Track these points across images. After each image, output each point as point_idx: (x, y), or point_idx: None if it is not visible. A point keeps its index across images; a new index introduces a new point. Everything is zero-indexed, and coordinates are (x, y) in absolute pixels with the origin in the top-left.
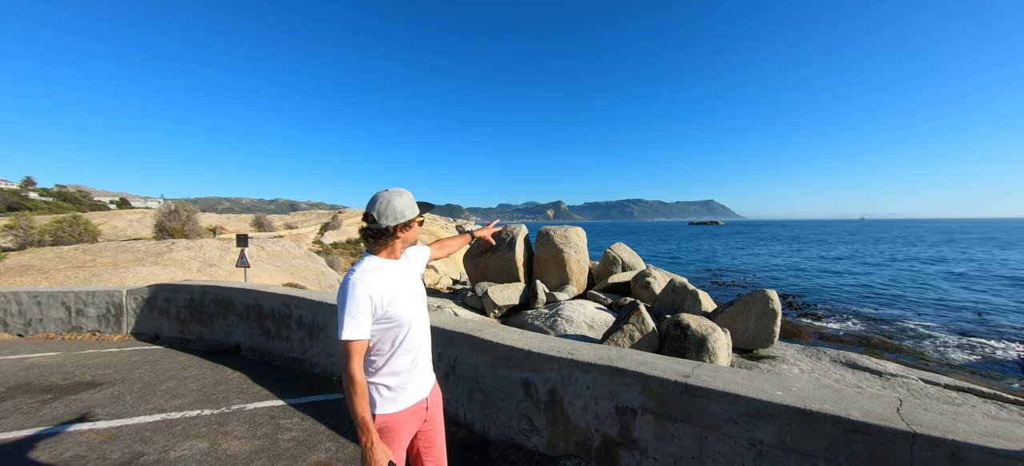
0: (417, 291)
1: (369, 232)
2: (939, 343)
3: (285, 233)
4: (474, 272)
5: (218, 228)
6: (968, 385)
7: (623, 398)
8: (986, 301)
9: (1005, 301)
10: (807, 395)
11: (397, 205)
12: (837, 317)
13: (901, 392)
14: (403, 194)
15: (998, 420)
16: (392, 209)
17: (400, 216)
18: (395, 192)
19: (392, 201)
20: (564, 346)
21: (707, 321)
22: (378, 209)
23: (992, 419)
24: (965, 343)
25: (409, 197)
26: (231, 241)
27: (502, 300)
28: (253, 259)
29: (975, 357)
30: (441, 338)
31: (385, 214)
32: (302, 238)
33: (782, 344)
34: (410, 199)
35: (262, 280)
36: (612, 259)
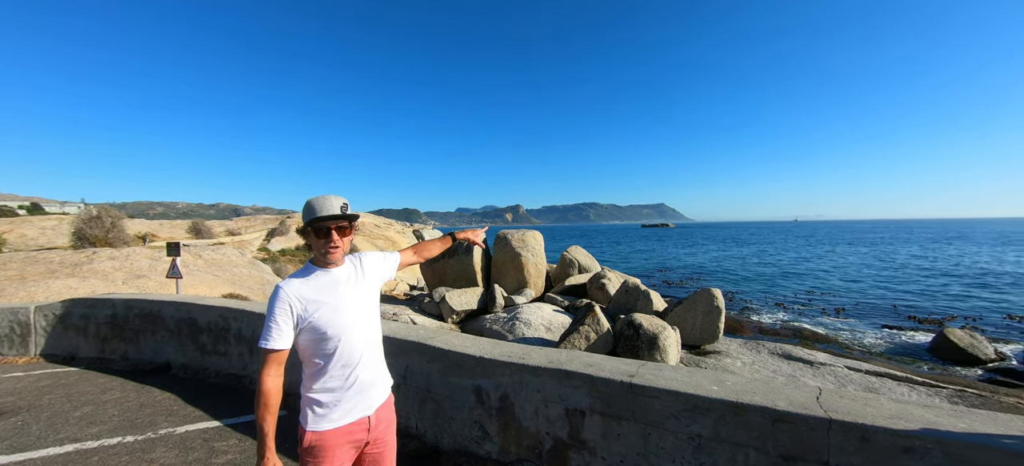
0: (357, 301)
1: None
2: (861, 332)
3: (227, 240)
4: (431, 277)
5: (149, 235)
6: (885, 370)
7: (572, 400)
8: (899, 292)
9: (915, 292)
10: (739, 389)
11: (308, 208)
12: (774, 312)
13: (827, 380)
14: (319, 198)
15: (902, 403)
16: (305, 212)
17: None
18: (322, 199)
19: (307, 205)
20: (515, 351)
21: (658, 320)
22: (305, 216)
23: (897, 403)
24: (883, 331)
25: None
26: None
27: (460, 305)
28: (189, 269)
29: (891, 344)
30: (390, 347)
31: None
32: (246, 245)
33: (726, 339)
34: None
35: (199, 291)
36: (569, 262)
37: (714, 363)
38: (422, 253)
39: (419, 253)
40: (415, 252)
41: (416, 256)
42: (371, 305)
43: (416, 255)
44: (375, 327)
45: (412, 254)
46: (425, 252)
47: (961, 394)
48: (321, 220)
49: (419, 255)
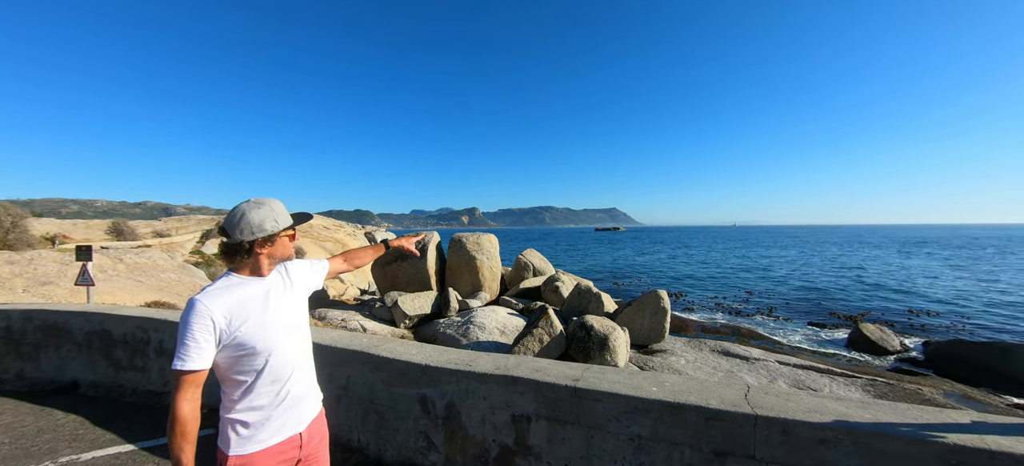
0: (286, 313)
1: (223, 249)
2: (791, 329)
3: (154, 242)
4: (383, 281)
5: (59, 237)
6: (810, 364)
7: (518, 406)
8: (823, 292)
9: (836, 291)
10: (676, 390)
11: (254, 217)
12: (714, 311)
13: (761, 375)
14: (263, 205)
15: (818, 398)
16: (247, 222)
17: (258, 229)
18: (254, 202)
19: (248, 213)
20: (462, 358)
21: (609, 321)
22: (230, 222)
23: (814, 397)
24: (808, 328)
25: (273, 207)
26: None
27: (413, 310)
28: (107, 275)
29: (815, 339)
30: (331, 357)
31: (239, 227)
32: (176, 248)
33: (672, 338)
34: (273, 210)
35: (118, 299)
36: (523, 265)
37: (660, 362)
38: (352, 261)
39: (349, 261)
40: (345, 260)
41: (346, 264)
42: (301, 316)
43: (346, 263)
44: (306, 339)
45: (341, 262)
46: (355, 260)
47: (872, 383)
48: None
49: (349, 263)
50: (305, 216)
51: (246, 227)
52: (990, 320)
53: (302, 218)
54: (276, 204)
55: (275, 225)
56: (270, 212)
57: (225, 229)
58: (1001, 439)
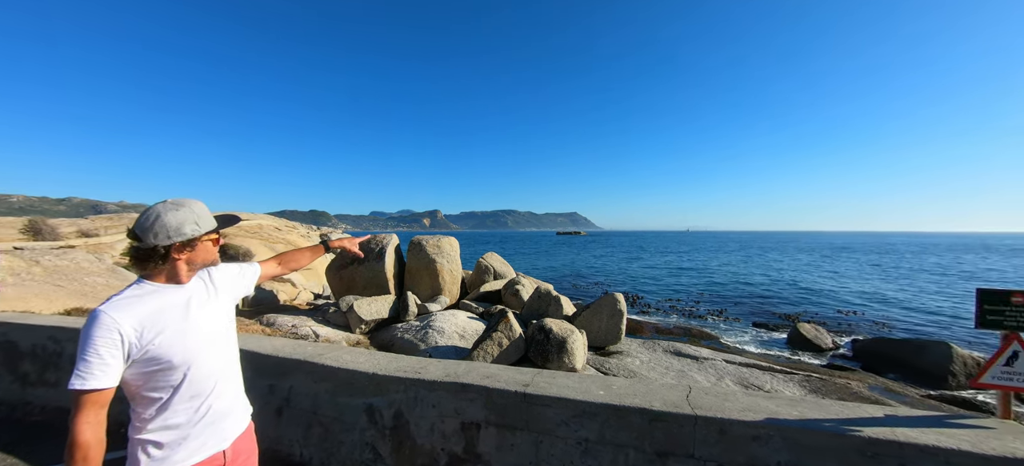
0: (209, 322)
1: (134, 254)
2: (738, 329)
3: (79, 242)
4: (338, 285)
5: None
6: (753, 362)
7: (468, 413)
8: (768, 293)
9: (779, 293)
10: (622, 393)
11: (171, 220)
12: (669, 313)
13: (709, 374)
14: (182, 206)
15: (752, 396)
16: (163, 224)
17: (176, 233)
18: (172, 204)
19: (164, 215)
20: (412, 365)
21: (567, 324)
22: (143, 225)
23: (748, 396)
24: (753, 329)
25: (194, 209)
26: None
27: (369, 314)
28: (20, 278)
29: (759, 338)
30: (273, 368)
31: (154, 231)
32: (105, 249)
33: (628, 339)
34: (194, 212)
35: (31, 306)
36: (484, 268)
37: (617, 363)
38: (287, 263)
39: (284, 263)
40: (279, 263)
41: (280, 267)
42: (226, 325)
43: (280, 266)
44: (231, 350)
45: (275, 265)
46: (291, 262)
47: (808, 379)
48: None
49: (284, 265)
50: (231, 219)
51: (161, 230)
52: (908, 319)
53: (228, 221)
54: (197, 206)
55: (196, 229)
56: (190, 214)
57: (136, 232)
58: (908, 430)
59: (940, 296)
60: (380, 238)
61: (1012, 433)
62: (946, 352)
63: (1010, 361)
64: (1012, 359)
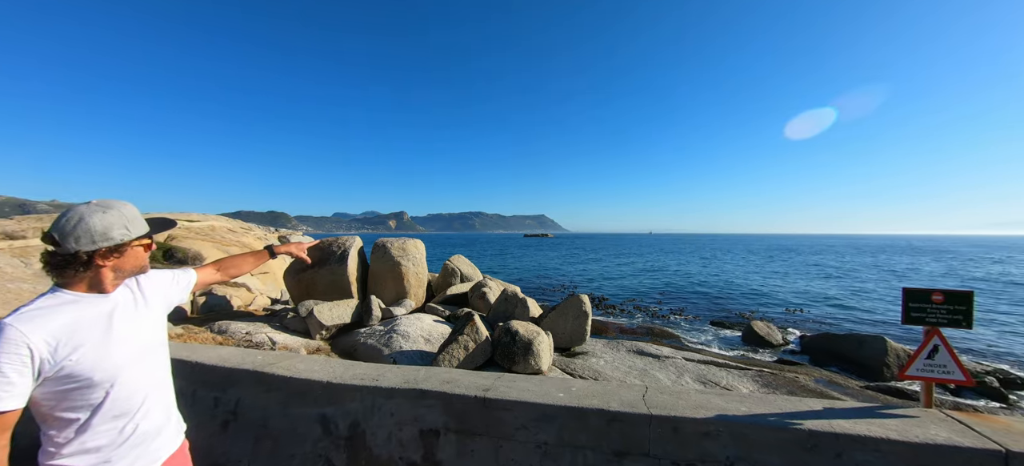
0: (137, 335)
1: (50, 261)
2: (697, 327)
3: (3, 245)
4: (297, 290)
5: None
6: (711, 359)
7: (427, 420)
8: (726, 293)
9: (736, 292)
10: (582, 394)
11: (97, 223)
12: (632, 313)
13: (670, 371)
14: (111, 209)
15: (704, 394)
16: (87, 228)
17: (101, 237)
18: (98, 205)
19: (89, 218)
20: (369, 373)
21: (533, 326)
22: (62, 228)
23: (701, 394)
24: (711, 327)
25: (123, 212)
26: None
27: (330, 319)
28: None
29: (716, 336)
30: (218, 379)
31: (74, 235)
32: (33, 252)
33: (593, 340)
34: (124, 215)
35: None
36: (451, 271)
37: (582, 363)
38: (227, 269)
39: (223, 269)
40: (218, 269)
41: (219, 273)
42: (157, 337)
43: (219, 272)
44: (162, 364)
45: (213, 271)
46: (231, 268)
47: (760, 374)
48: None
49: (223, 272)
50: (165, 223)
51: (85, 234)
52: (850, 315)
53: (162, 225)
54: (127, 208)
55: (125, 233)
56: (119, 217)
57: (54, 236)
58: (843, 422)
59: (875, 294)
60: (342, 240)
61: (933, 420)
62: (882, 346)
63: (931, 354)
64: (933, 353)
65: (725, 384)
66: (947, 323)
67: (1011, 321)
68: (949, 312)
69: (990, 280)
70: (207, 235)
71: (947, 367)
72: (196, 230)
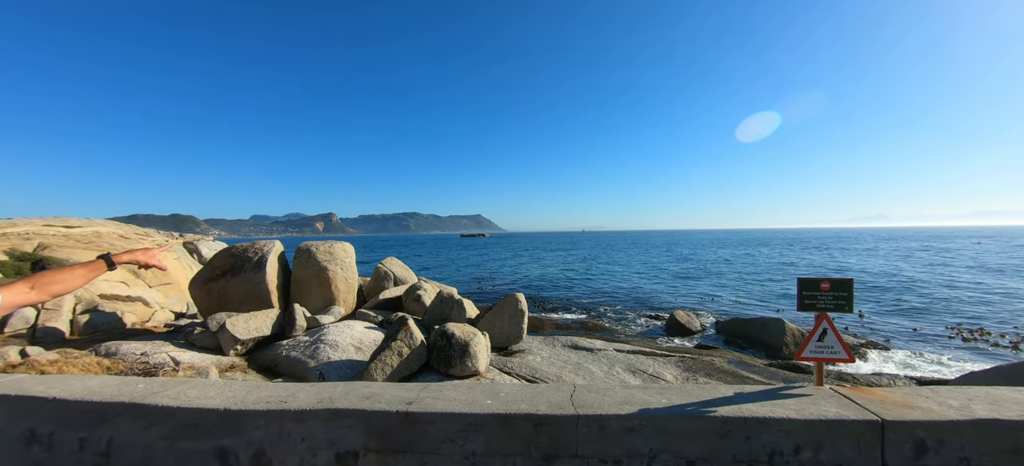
0: None
1: None
2: (627, 320)
3: None
4: (207, 301)
5: None
6: (639, 349)
7: (344, 442)
8: (653, 286)
9: (662, 284)
10: (510, 399)
11: None
12: (566, 309)
13: (602, 363)
14: None
15: (628, 389)
16: None
17: None
18: None
19: None
20: (276, 394)
21: (470, 327)
22: None
23: (625, 389)
24: (640, 319)
25: None
26: None
27: (247, 332)
28: None
29: (644, 327)
30: (86, 415)
31: None
32: None
33: (529, 337)
34: None
35: None
36: (384, 274)
37: (519, 361)
38: (47, 287)
39: (41, 287)
40: (33, 286)
41: (34, 293)
42: None
43: (35, 291)
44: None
45: (25, 290)
46: (51, 285)
47: (682, 359)
48: None
49: (41, 290)
50: None
51: None
52: (758, 300)
53: None
54: None
55: None
56: None
57: None
58: (751, 406)
59: (775, 281)
60: (260, 245)
61: (824, 397)
62: (781, 327)
63: (821, 337)
64: (823, 335)
65: (652, 371)
66: (833, 308)
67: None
68: (834, 298)
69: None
70: (91, 242)
71: (834, 348)
72: (77, 237)
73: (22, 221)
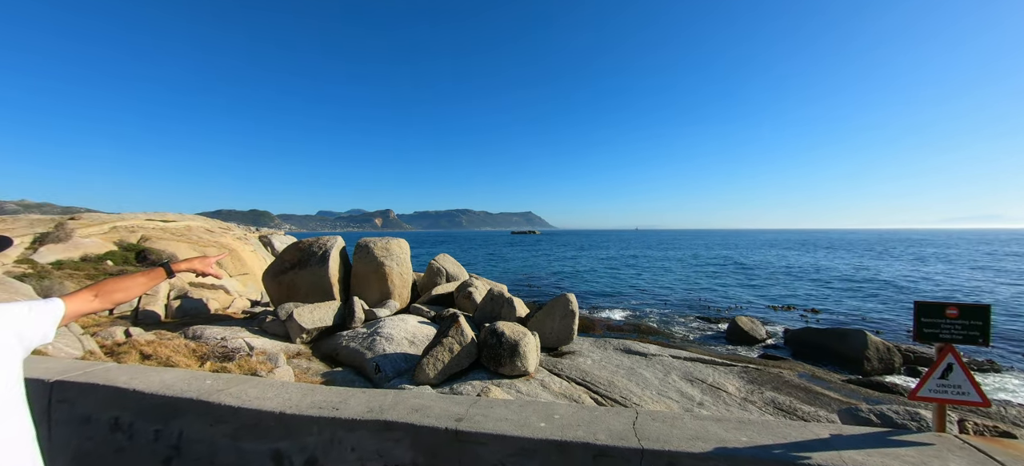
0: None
1: None
2: (683, 324)
3: None
4: (278, 292)
5: None
6: (697, 356)
7: (393, 456)
8: (708, 289)
9: (721, 287)
10: (565, 423)
11: None
12: (618, 309)
13: (657, 370)
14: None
15: (701, 421)
16: None
17: None
18: None
19: None
20: (329, 400)
21: (520, 327)
22: None
23: (697, 420)
24: (697, 322)
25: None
26: None
27: (311, 322)
28: None
29: (702, 332)
30: (159, 408)
31: None
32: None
33: (580, 338)
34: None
35: None
36: (436, 270)
37: (569, 363)
38: (111, 294)
39: (105, 295)
40: (97, 295)
41: (97, 301)
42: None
43: (99, 299)
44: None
45: (90, 298)
46: (113, 293)
47: (746, 370)
48: None
49: (103, 298)
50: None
51: None
52: (834, 308)
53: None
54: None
55: None
56: None
57: None
58: (854, 454)
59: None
60: (323, 241)
61: (950, 449)
62: (862, 340)
63: (945, 374)
64: (947, 372)
65: (712, 381)
66: (962, 340)
67: None
68: (964, 328)
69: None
70: (183, 235)
71: (962, 388)
72: (172, 231)
73: (129, 216)
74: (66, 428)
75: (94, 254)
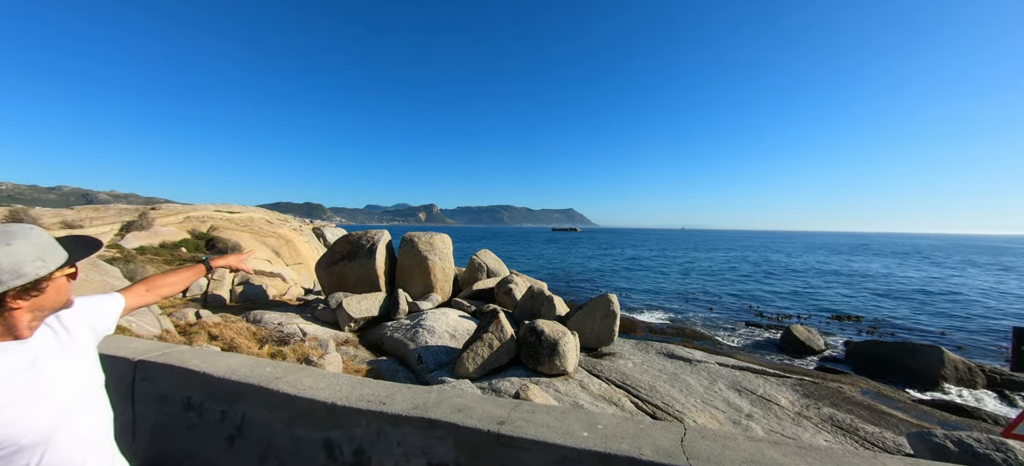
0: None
1: None
2: (731, 329)
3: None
4: (329, 282)
5: None
6: (746, 364)
7: (436, 453)
8: (760, 293)
9: (772, 292)
10: (609, 434)
11: (3, 260)
12: (661, 312)
13: (702, 377)
14: (15, 239)
15: (756, 443)
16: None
17: (12, 276)
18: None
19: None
20: (377, 394)
21: (559, 325)
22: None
23: (751, 441)
24: (745, 328)
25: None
26: None
27: (359, 312)
28: None
29: (751, 340)
30: (226, 391)
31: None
32: None
33: (621, 340)
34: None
35: None
36: (478, 266)
37: (609, 365)
38: (157, 289)
39: (153, 289)
40: (148, 289)
41: (149, 294)
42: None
43: (149, 293)
44: (101, 409)
45: (143, 292)
46: (160, 288)
47: (800, 382)
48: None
49: (153, 292)
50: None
51: None
52: (902, 321)
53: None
54: (36, 234)
55: (41, 266)
56: (30, 249)
57: None
58: None
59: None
60: (371, 234)
61: None
62: (938, 357)
63: None
64: None
65: (762, 393)
66: None
67: None
68: None
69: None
70: (246, 226)
71: None
72: (236, 221)
73: (200, 207)
74: (147, 404)
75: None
